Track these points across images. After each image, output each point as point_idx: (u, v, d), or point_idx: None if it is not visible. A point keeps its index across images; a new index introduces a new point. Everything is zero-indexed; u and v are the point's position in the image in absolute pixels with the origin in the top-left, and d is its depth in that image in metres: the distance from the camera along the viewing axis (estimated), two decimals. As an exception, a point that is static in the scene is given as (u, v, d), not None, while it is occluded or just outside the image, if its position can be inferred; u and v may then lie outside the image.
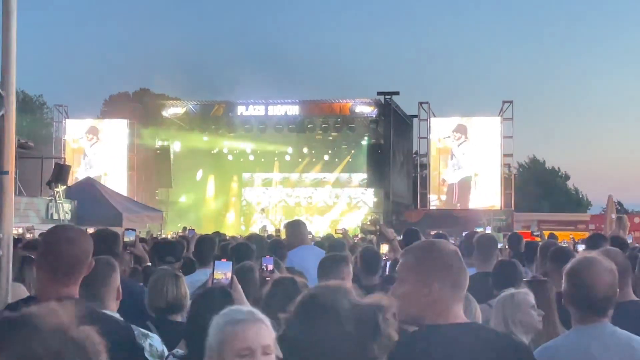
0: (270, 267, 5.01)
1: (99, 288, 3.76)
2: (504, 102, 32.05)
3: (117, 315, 3.68)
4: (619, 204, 49.05)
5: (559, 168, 61.57)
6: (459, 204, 31.55)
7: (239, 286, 4.00)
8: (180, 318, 4.43)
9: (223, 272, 3.93)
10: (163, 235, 20.52)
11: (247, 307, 2.86)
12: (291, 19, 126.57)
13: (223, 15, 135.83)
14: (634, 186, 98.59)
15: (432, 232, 13.69)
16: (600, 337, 2.32)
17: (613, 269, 3.18)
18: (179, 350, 3.63)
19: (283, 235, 9.84)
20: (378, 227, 7.50)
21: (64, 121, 35.29)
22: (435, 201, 31.93)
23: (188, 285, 4.76)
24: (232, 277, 3.95)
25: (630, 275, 4.05)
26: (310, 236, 10.48)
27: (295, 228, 7.85)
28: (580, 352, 2.99)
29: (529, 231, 25.20)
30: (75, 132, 34.94)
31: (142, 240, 11.20)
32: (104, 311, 3.47)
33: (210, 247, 6.54)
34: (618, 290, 3.19)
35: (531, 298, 4.31)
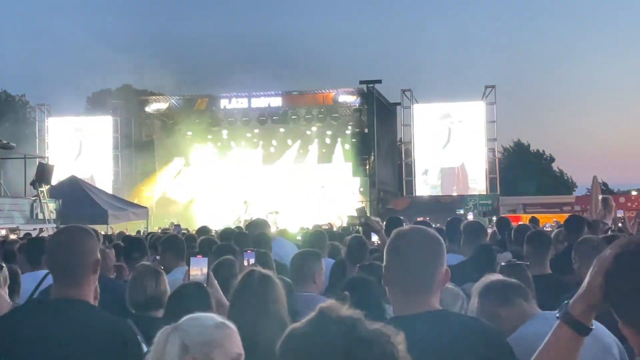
0: (252, 261, 4.98)
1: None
2: (486, 87, 32.13)
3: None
4: (604, 184, 49.38)
5: (543, 151, 61.84)
6: (449, 190, 31.68)
7: (215, 282, 4.00)
8: (160, 314, 4.42)
9: (199, 268, 3.93)
10: (150, 231, 20.42)
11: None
12: (272, 10, 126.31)
13: (204, 9, 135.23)
14: (618, 166, 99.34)
15: (419, 219, 13.75)
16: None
17: None
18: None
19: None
20: (363, 218, 7.38)
21: (46, 120, 35.14)
22: (425, 188, 32.02)
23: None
24: (208, 273, 3.94)
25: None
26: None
27: (260, 228, 7.94)
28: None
29: (518, 215, 25.37)
30: (58, 130, 34.77)
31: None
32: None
33: (182, 245, 6.38)
34: None
35: None
